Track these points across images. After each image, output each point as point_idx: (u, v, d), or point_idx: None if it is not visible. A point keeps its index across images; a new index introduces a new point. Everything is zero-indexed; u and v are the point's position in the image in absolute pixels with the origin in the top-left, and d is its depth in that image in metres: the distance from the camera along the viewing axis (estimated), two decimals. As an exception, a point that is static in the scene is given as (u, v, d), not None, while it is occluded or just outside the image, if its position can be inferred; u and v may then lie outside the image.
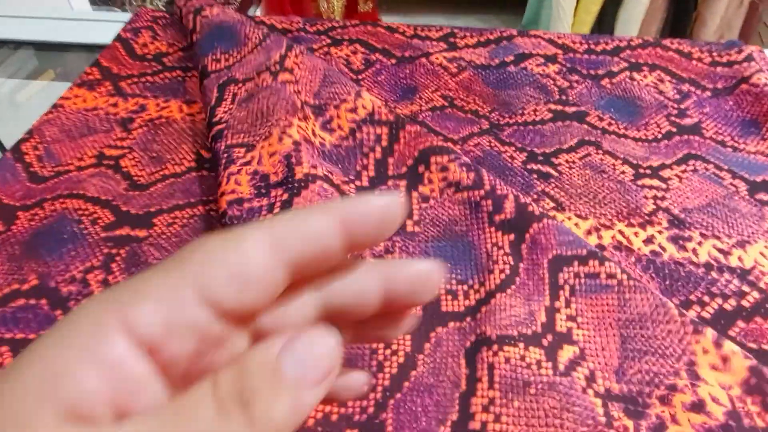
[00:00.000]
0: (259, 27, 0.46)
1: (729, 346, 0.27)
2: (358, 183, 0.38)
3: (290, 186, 0.34)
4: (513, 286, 0.31)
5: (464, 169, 0.36)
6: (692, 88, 0.47)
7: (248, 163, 0.36)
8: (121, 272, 0.33)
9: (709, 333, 0.28)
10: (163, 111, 0.44)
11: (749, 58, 0.48)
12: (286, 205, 0.33)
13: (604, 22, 1.42)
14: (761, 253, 0.34)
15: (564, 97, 0.46)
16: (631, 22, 1.37)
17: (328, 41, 0.51)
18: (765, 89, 0.44)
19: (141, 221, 0.36)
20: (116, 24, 0.57)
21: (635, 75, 0.48)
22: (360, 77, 0.48)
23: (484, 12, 1.86)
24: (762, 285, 0.32)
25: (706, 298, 0.32)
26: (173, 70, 0.48)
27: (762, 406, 0.26)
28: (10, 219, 0.36)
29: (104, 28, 0.58)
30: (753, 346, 0.30)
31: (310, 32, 0.53)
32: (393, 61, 0.49)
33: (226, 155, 0.36)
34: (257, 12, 1.54)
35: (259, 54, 0.44)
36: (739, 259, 0.34)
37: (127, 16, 0.56)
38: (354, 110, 0.40)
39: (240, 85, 0.41)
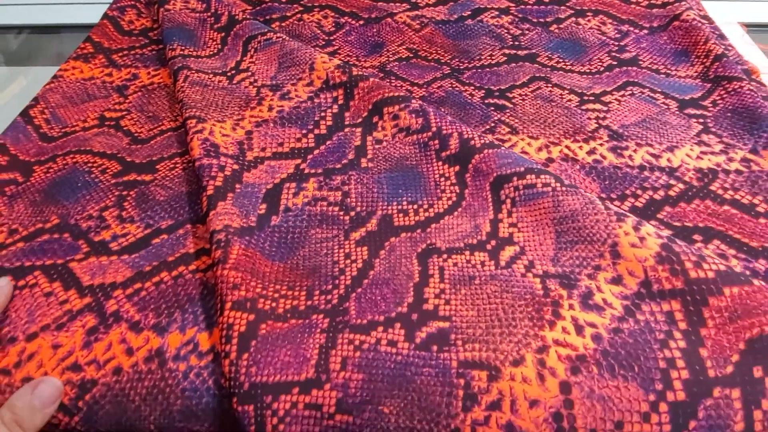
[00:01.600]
0: (218, 33, 0.51)
1: (646, 228, 0.32)
2: (316, 131, 0.42)
3: (241, 162, 0.39)
4: (459, 209, 0.36)
5: (413, 115, 0.41)
6: (631, 28, 0.52)
7: (199, 131, 0.40)
8: (133, 208, 0.38)
9: (630, 220, 0.32)
10: (154, 78, 0.49)
11: (680, -1, 0.53)
12: (236, 174, 0.38)
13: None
14: (687, 155, 0.39)
15: (517, 43, 0.51)
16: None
17: (300, 8, 0.56)
18: (693, 23, 0.50)
19: (145, 168, 0.41)
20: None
21: (580, 20, 0.53)
22: (332, 38, 0.53)
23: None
24: (686, 179, 0.38)
25: (639, 192, 0.37)
26: (160, 43, 0.53)
27: (670, 272, 0.30)
28: (28, 172, 0.40)
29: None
30: (677, 224, 0.35)
31: (282, 2, 0.57)
32: (361, 22, 0.54)
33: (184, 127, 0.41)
34: None
35: (216, 61, 0.49)
36: (668, 160, 0.39)
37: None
38: (310, 84, 0.45)
39: (193, 71, 0.46)
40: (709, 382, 0.27)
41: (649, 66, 0.48)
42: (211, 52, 0.49)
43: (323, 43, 0.52)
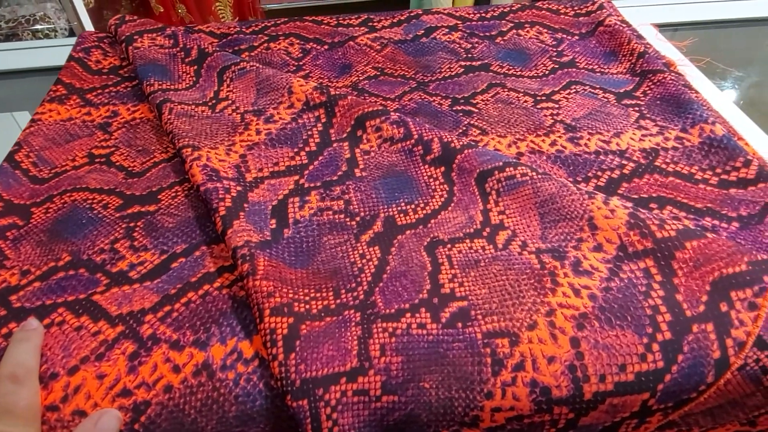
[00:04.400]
0: (190, 66, 0.53)
1: (614, 202, 0.38)
2: (307, 149, 0.45)
3: (243, 183, 0.41)
4: (452, 204, 0.41)
5: (394, 126, 0.45)
6: (564, 36, 0.59)
7: (197, 159, 0.42)
8: (144, 237, 0.39)
9: (600, 196, 0.38)
10: (135, 114, 0.50)
11: (601, 7, 0.61)
12: (242, 195, 0.40)
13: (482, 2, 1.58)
14: (631, 138, 0.46)
15: (470, 55, 0.57)
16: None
17: (266, 38, 0.59)
18: (616, 27, 0.57)
19: (148, 199, 0.42)
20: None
21: (520, 32, 0.60)
22: (301, 63, 0.56)
23: (371, 10, 1.97)
24: (634, 158, 0.44)
25: (599, 173, 0.43)
26: (133, 80, 0.54)
27: (640, 235, 0.36)
28: (27, 215, 0.40)
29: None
30: (635, 197, 0.41)
31: (246, 33, 0.60)
32: (326, 47, 0.58)
33: (180, 156, 0.43)
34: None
35: (194, 93, 0.51)
36: (617, 144, 0.45)
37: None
38: (291, 106, 0.48)
39: (175, 104, 0.48)
40: (687, 320, 0.32)
41: (586, 67, 0.55)
42: (188, 85, 0.51)
43: (294, 68, 0.55)
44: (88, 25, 1.23)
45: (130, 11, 1.59)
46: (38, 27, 1.17)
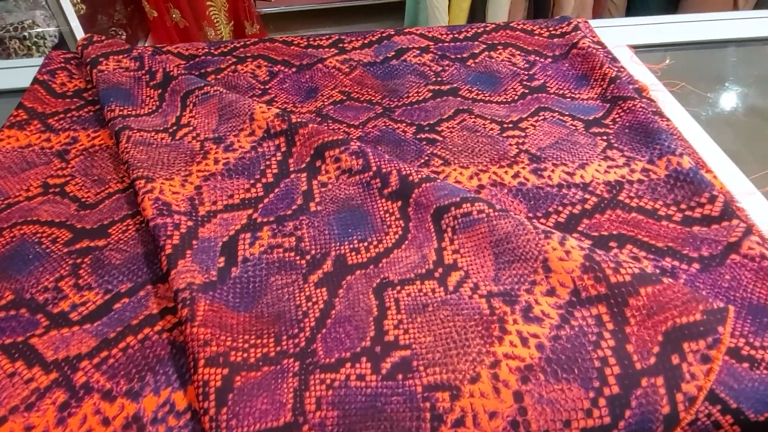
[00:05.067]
0: (155, 90, 0.52)
1: (570, 242, 0.36)
2: (264, 180, 0.44)
3: (194, 218, 0.40)
4: (406, 242, 0.40)
5: (353, 156, 0.44)
6: (537, 58, 0.58)
7: (149, 191, 0.41)
8: (89, 275, 0.38)
9: (556, 236, 0.37)
10: (95, 140, 0.49)
11: (576, 28, 0.60)
12: (192, 231, 0.39)
13: (476, 17, 1.57)
14: (596, 170, 0.45)
15: (439, 79, 0.55)
16: (498, 15, 1.53)
17: (234, 60, 0.58)
18: (590, 50, 0.56)
19: (98, 233, 0.41)
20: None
21: (492, 53, 0.59)
22: (267, 87, 0.55)
23: (365, 21, 1.97)
24: (598, 192, 0.43)
25: (560, 208, 0.42)
26: (96, 104, 0.53)
27: (594, 279, 0.34)
28: (-28, 251, 0.40)
29: None
30: (595, 234, 0.40)
31: (215, 54, 0.59)
32: (293, 69, 0.57)
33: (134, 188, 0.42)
34: (145, 44, 1.58)
35: (156, 118, 0.50)
36: (581, 177, 0.44)
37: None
38: (252, 133, 0.47)
39: (134, 131, 0.47)
40: (637, 374, 0.31)
41: (556, 91, 0.54)
42: (150, 110, 0.50)
43: (260, 92, 0.54)
44: (79, 32, 1.23)
45: (124, 16, 1.58)
46: (27, 34, 1.17)
